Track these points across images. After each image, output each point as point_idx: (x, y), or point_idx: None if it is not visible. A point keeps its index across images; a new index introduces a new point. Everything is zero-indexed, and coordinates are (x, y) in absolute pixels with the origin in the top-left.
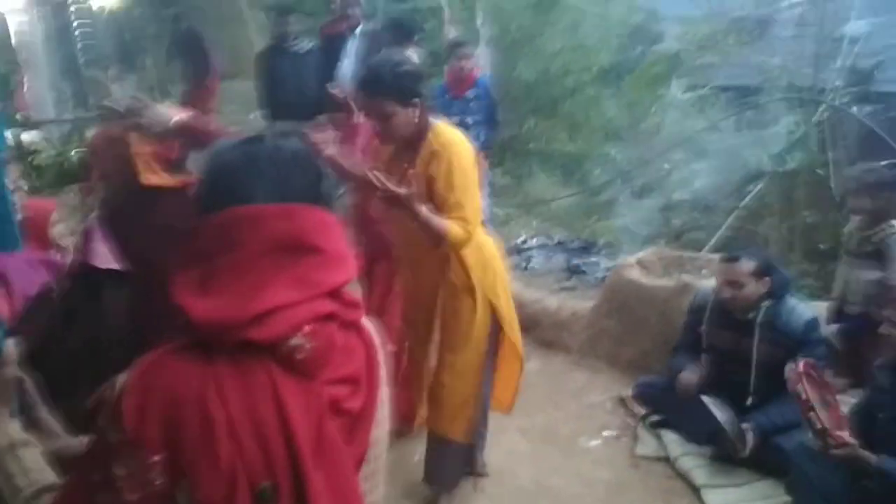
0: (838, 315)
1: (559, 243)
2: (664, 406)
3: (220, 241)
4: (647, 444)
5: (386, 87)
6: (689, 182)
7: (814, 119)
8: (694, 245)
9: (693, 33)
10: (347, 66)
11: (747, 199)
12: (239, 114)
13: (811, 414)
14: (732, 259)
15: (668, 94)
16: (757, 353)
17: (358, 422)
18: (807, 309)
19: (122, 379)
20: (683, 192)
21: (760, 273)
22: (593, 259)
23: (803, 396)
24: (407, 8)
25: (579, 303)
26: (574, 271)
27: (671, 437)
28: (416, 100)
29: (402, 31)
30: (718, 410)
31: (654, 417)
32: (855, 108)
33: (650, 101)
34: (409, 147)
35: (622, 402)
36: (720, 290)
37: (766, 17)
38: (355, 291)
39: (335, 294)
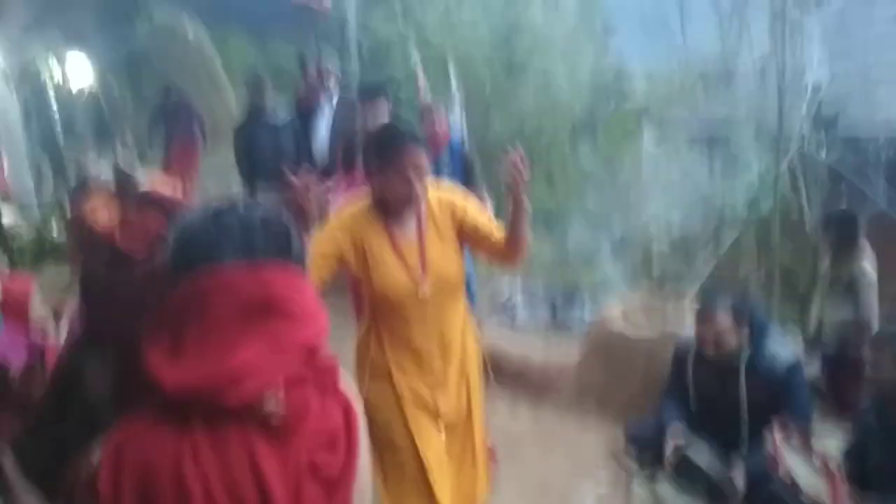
0: (809, 355)
1: (543, 296)
2: (658, 448)
3: (189, 306)
4: (642, 502)
5: (423, 140)
6: (667, 231)
7: (783, 166)
8: (675, 292)
9: (661, 87)
10: (323, 131)
11: (724, 245)
12: (217, 185)
13: (794, 488)
14: (706, 314)
15: (641, 147)
16: (737, 397)
17: (337, 486)
18: (787, 351)
19: (96, 453)
20: (662, 241)
21: (737, 322)
22: (577, 311)
23: (782, 470)
24: (382, 75)
25: (565, 356)
26: (558, 323)
27: (666, 491)
28: None
29: (371, 91)
30: (706, 461)
31: (647, 471)
32: (823, 153)
33: (624, 154)
34: (409, 207)
35: (614, 455)
36: (701, 344)
37: (729, 70)
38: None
39: (309, 356)
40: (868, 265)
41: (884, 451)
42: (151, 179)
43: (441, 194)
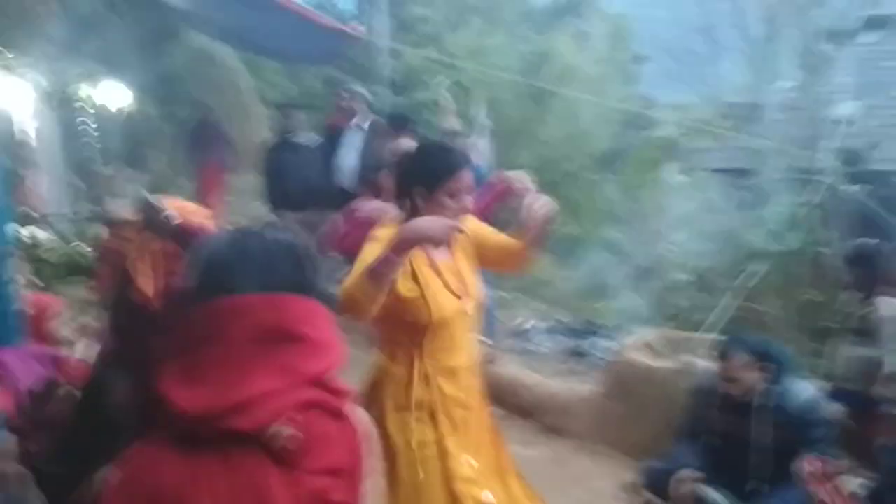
0: (837, 392)
1: (562, 325)
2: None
3: (205, 331)
4: None
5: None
6: (690, 262)
7: (809, 199)
8: (696, 325)
9: (687, 118)
10: (346, 156)
11: (748, 278)
12: (244, 206)
13: None
14: (725, 355)
15: (665, 177)
16: (756, 436)
17: None
18: (808, 390)
19: (102, 475)
20: (684, 273)
21: (755, 362)
22: (596, 341)
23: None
24: (408, 101)
25: (583, 386)
26: (577, 354)
27: None
28: None
29: (398, 122)
30: (720, 499)
31: None
32: (852, 187)
33: (648, 184)
34: None
35: (630, 487)
36: (720, 383)
37: (757, 102)
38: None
39: (320, 382)
40: (889, 309)
41: None
42: (182, 208)
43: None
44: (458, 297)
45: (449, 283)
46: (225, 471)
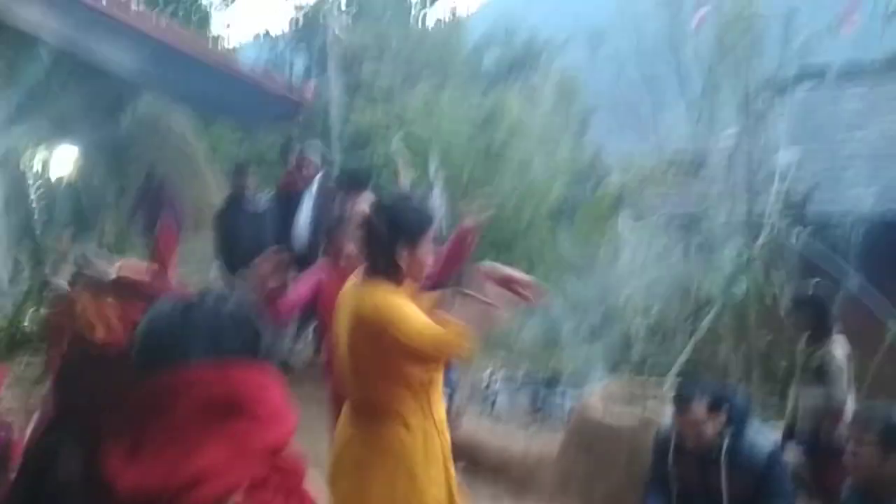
0: (791, 434)
1: (525, 377)
2: None
3: (151, 406)
4: None
5: None
6: (647, 310)
7: (757, 244)
8: (657, 371)
9: (636, 168)
10: (303, 218)
11: (703, 324)
12: (197, 269)
13: None
14: (684, 404)
15: (618, 227)
16: (721, 487)
17: None
18: (767, 437)
19: None
20: (642, 320)
21: (715, 408)
22: (558, 393)
23: None
24: (362, 162)
25: (547, 443)
26: (540, 409)
27: None
28: None
29: (355, 182)
30: None
31: None
32: (793, 236)
33: (601, 234)
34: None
35: None
36: (680, 434)
37: (702, 150)
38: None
39: (272, 458)
40: (839, 349)
41: None
42: (126, 267)
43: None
44: None
45: None
46: None
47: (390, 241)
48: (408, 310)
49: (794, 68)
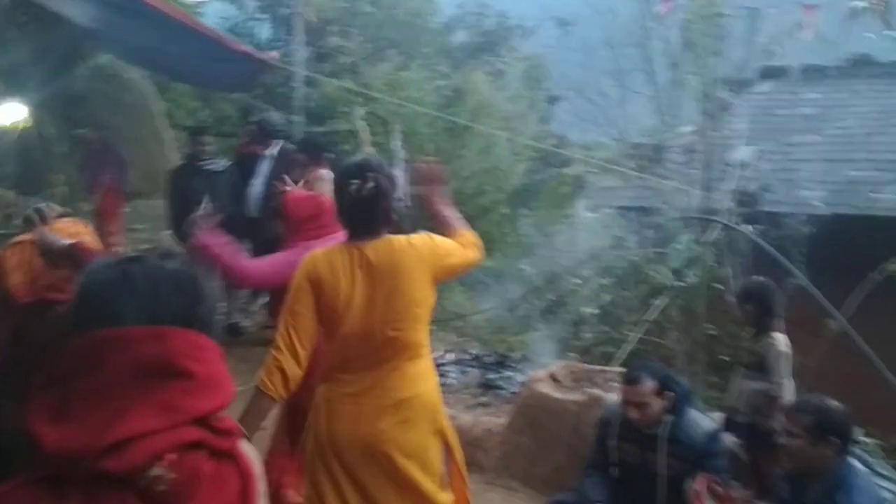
0: (728, 424)
1: (475, 358)
2: None
3: (82, 364)
4: None
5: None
6: (598, 297)
7: (706, 237)
8: (604, 358)
9: (596, 158)
10: (258, 184)
11: (652, 313)
12: (150, 232)
13: None
14: (633, 380)
15: (576, 214)
16: (661, 466)
17: None
18: (708, 421)
19: None
20: (592, 307)
21: (661, 390)
22: (508, 374)
23: None
24: (324, 130)
25: (493, 419)
26: (489, 386)
27: None
28: None
29: (312, 150)
30: None
31: None
32: (746, 227)
33: (559, 220)
34: None
35: None
36: (625, 409)
37: (661, 144)
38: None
39: (205, 421)
40: (780, 341)
41: None
42: (63, 227)
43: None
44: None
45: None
46: None
47: (392, 197)
48: (435, 237)
49: (754, 69)
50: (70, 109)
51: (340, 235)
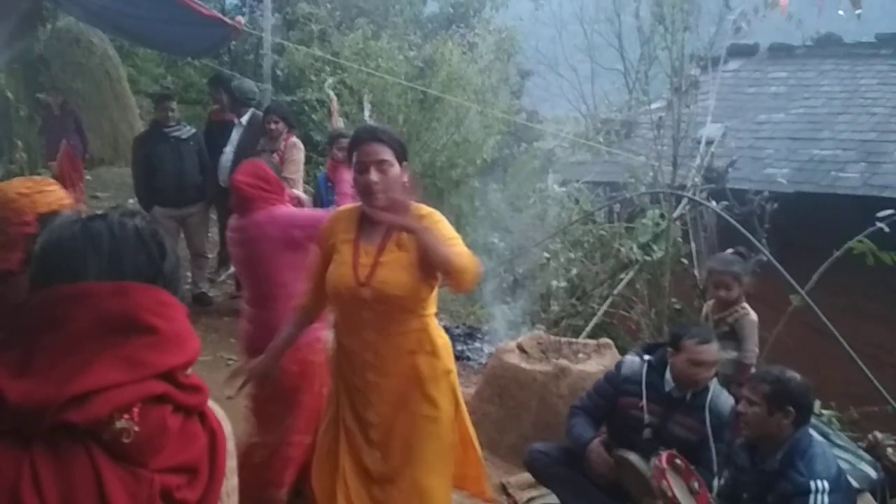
0: None
1: (445, 330)
2: (556, 478)
3: (44, 318)
4: None
5: (387, 137)
6: (567, 270)
7: (674, 213)
8: (572, 331)
9: (567, 132)
10: (229, 152)
11: (619, 286)
12: (113, 200)
13: None
14: (704, 340)
15: (546, 188)
16: (686, 431)
17: None
18: (726, 393)
19: None
20: (561, 280)
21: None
22: (476, 345)
23: (669, 494)
24: (296, 99)
25: (462, 389)
26: (458, 357)
27: None
28: (406, 164)
29: (287, 118)
30: (640, 461)
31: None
32: (712, 203)
33: (529, 194)
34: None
35: (503, 488)
36: (674, 370)
37: (630, 120)
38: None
39: (171, 376)
40: (751, 312)
41: (753, 489)
42: (34, 187)
43: (422, 212)
44: (361, 281)
45: (358, 264)
46: (58, 467)
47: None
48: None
49: (723, 47)
50: (31, 74)
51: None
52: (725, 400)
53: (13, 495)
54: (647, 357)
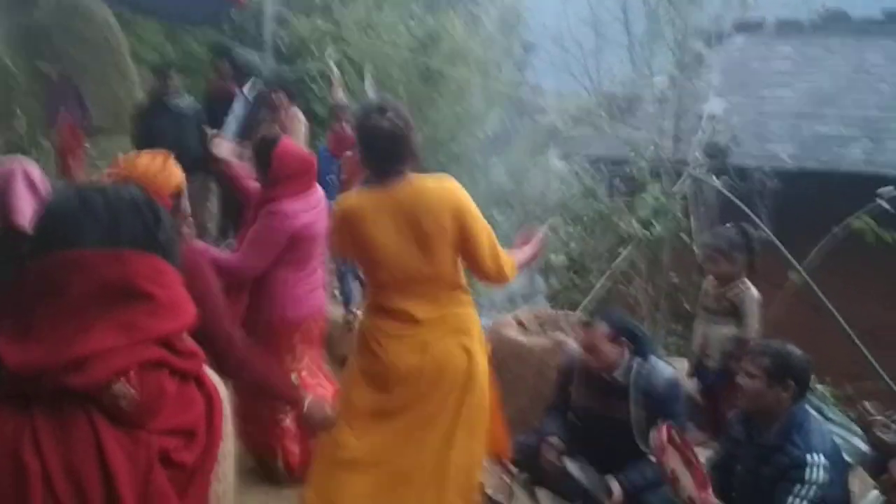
0: (698, 370)
1: None
2: (536, 465)
3: (43, 286)
4: (521, 502)
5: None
6: (566, 245)
7: (675, 188)
8: (571, 305)
9: (570, 107)
10: (231, 123)
11: (618, 261)
12: None
13: (677, 485)
14: (587, 323)
15: (547, 163)
16: (620, 413)
17: (194, 475)
18: (667, 368)
19: None
20: (560, 254)
21: (615, 336)
22: None
23: (668, 469)
24: (297, 70)
25: None
26: None
27: (545, 495)
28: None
29: (289, 89)
30: (581, 473)
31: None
32: (714, 179)
33: (531, 169)
34: None
35: (499, 460)
36: (584, 354)
37: (633, 95)
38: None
39: (167, 342)
40: (752, 288)
41: (749, 462)
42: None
43: (443, 183)
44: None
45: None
46: (58, 430)
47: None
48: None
49: (729, 22)
50: (32, 43)
51: (318, 193)
52: (660, 374)
53: (15, 459)
54: None
